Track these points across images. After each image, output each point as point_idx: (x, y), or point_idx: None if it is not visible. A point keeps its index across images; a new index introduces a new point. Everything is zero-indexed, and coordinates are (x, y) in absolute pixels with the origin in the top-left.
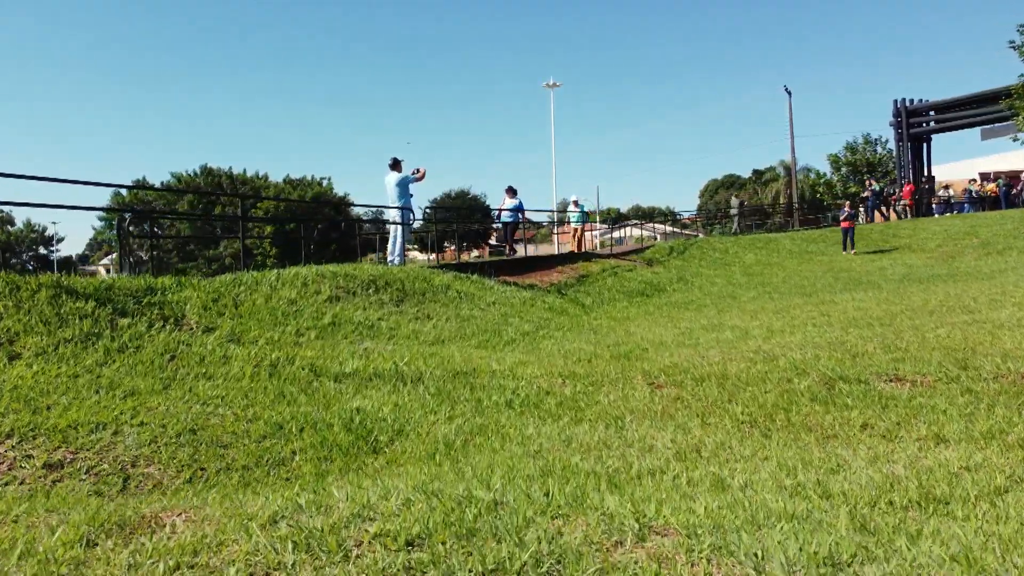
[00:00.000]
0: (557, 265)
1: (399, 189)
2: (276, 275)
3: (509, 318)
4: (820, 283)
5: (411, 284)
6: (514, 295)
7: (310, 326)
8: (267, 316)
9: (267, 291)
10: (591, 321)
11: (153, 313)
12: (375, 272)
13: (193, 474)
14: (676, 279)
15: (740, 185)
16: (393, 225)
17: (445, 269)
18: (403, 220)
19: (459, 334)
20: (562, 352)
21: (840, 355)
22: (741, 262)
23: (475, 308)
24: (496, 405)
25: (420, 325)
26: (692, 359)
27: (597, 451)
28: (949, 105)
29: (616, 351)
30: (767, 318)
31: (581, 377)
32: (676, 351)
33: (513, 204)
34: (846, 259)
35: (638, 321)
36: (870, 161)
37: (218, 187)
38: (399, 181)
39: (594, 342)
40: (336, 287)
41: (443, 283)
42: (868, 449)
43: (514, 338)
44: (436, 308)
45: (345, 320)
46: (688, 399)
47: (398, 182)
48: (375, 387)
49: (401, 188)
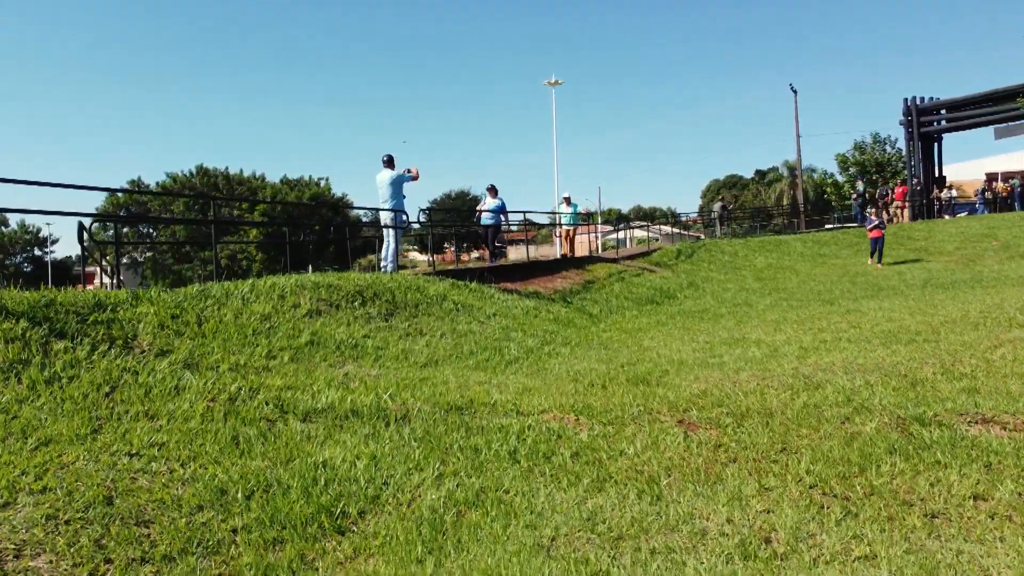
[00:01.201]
0: (561, 270)
1: (392, 188)
2: (250, 286)
3: (511, 332)
4: (837, 288)
5: (402, 295)
6: (516, 305)
7: (284, 346)
8: (235, 335)
9: (238, 305)
10: (600, 333)
11: (99, 334)
12: (363, 281)
13: (93, 570)
14: (686, 284)
15: (743, 185)
16: (386, 228)
17: (441, 276)
18: (396, 223)
19: (455, 352)
20: (572, 374)
21: (896, 383)
22: (752, 266)
23: (473, 321)
24: (497, 457)
25: (411, 343)
26: (722, 385)
27: (632, 540)
28: (961, 103)
29: (632, 373)
30: (792, 330)
31: (598, 413)
32: (701, 373)
33: (495, 204)
34: (862, 263)
35: (651, 333)
36: (879, 161)
37: (214, 187)
38: (393, 180)
39: (606, 360)
40: (317, 299)
41: (438, 293)
42: (1003, 543)
43: (517, 356)
44: (430, 322)
45: (325, 339)
46: (732, 447)
47: (392, 180)
48: (351, 429)
49: (395, 187)
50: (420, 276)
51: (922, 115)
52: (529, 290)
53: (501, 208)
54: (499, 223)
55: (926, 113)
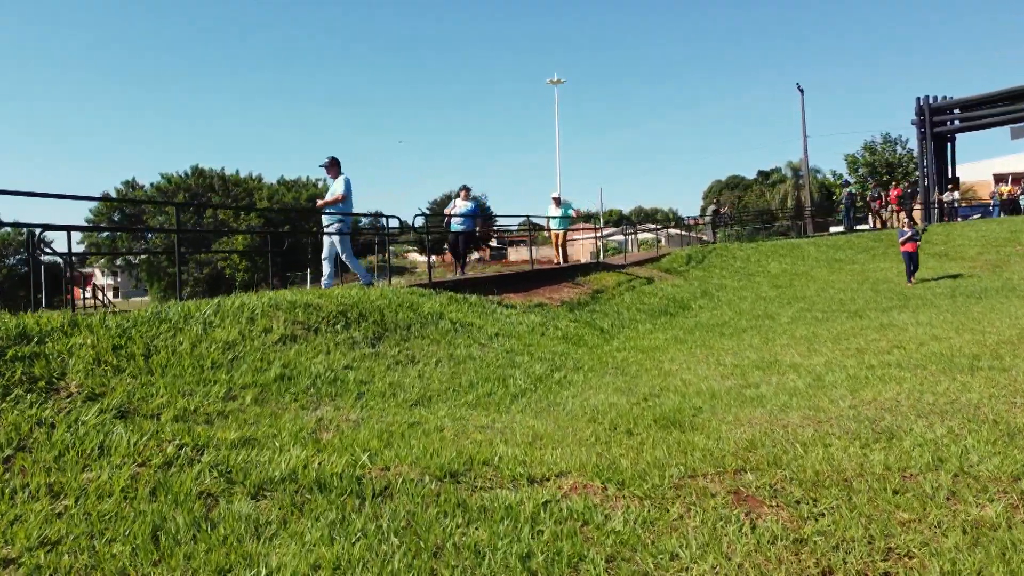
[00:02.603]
0: (567, 279)
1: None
2: (215, 307)
3: (516, 356)
4: (860, 297)
5: (392, 315)
6: (520, 321)
7: (248, 383)
8: (189, 370)
9: (197, 332)
10: (614, 353)
11: (16, 373)
12: (348, 299)
13: None
14: (700, 293)
15: (745, 186)
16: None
17: (438, 289)
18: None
19: (452, 384)
20: (588, 411)
21: (988, 433)
22: (766, 272)
23: (474, 344)
24: (506, 567)
25: (401, 374)
26: (772, 432)
27: None
28: (975, 102)
29: (659, 409)
30: (828, 351)
31: (630, 479)
32: (740, 412)
33: (467, 208)
34: (880, 269)
35: (670, 352)
36: (890, 162)
37: (209, 188)
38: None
39: (625, 390)
40: (293, 322)
41: (433, 311)
42: None
43: (524, 388)
44: (424, 346)
45: (299, 371)
46: (819, 546)
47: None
48: (313, 512)
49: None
50: (414, 290)
51: (935, 114)
52: (534, 302)
53: (474, 212)
54: (471, 229)
55: (939, 112)
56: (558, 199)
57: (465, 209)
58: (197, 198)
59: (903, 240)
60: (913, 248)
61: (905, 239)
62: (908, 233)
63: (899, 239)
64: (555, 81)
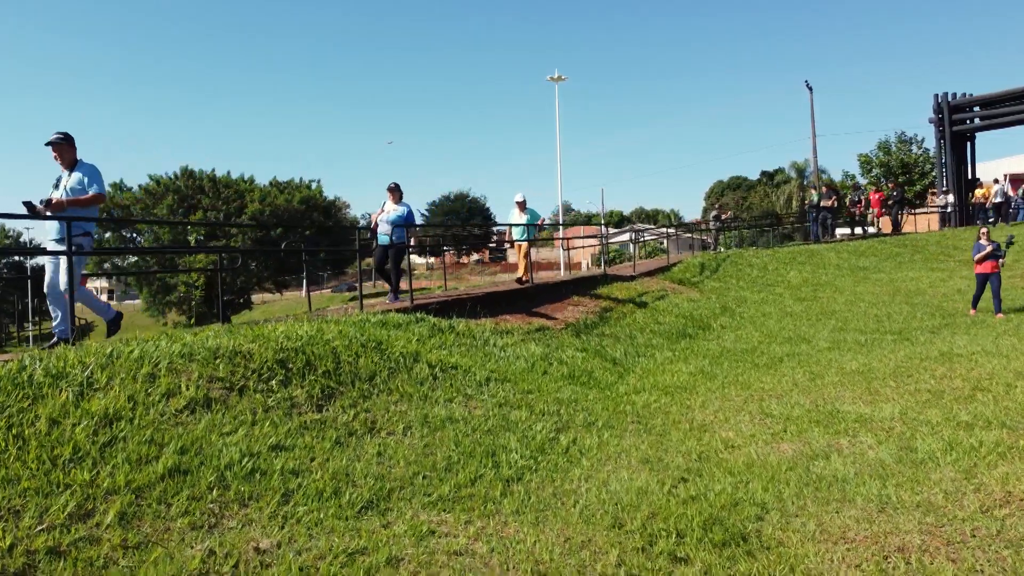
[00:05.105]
0: (571, 294)
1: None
2: (105, 359)
3: (511, 411)
4: (898, 314)
5: (351, 360)
6: (518, 355)
7: (119, 486)
8: (33, 468)
9: (66, 400)
10: (632, 397)
11: None
12: (292, 342)
13: None
14: (719, 309)
15: (748, 187)
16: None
17: (420, 314)
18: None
19: (422, 467)
20: (610, 508)
21: None
22: (786, 282)
23: (457, 396)
24: None
25: (352, 455)
26: (887, 569)
27: None
28: (997, 99)
29: (707, 506)
30: (895, 394)
31: None
32: (822, 513)
33: (397, 214)
34: (910, 278)
35: (700, 394)
36: (905, 162)
37: (199, 190)
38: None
39: (655, 460)
40: (210, 379)
41: (407, 351)
42: None
43: (520, 468)
44: (390, 406)
45: (203, 460)
46: None
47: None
48: None
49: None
50: (388, 317)
51: (954, 112)
52: (534, 326)
53: (406, 218)
54: (403, 241)
55: (958, 110)
56: (522, 203)
57: (396, 215)
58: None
59: (979, 257)
60: (993, 268)
61: (982, 255)
62: (987, 248)
63: (974, 255)
64: (556, 78)
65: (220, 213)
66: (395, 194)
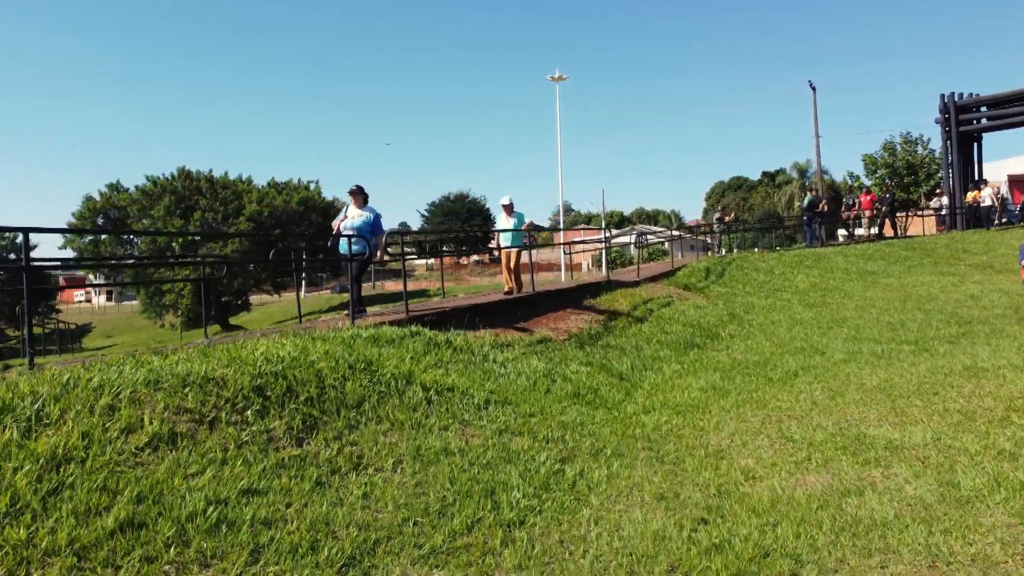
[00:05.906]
0: (573, 302)
1: None
2: (60, 388)
3: (512, 440)
4: (912, 321)
5: (337, 384)
6: (519, 371)
7: (61, 545)
8: None
9: (14, 435)
10: (641, 416)
11: None
12: (272, 365)
13: None
14: (727, 317)
15: (748, 187)
16: None
17: (414, 327)
18: None
19: (414, 511)
20: (624, 561)
21: None
22: (794, 287)
23: (453, 423)
24: None
25: (334, 499)
26: None
27: None
28: (1005, 99)
29: (733, 559)
30: (923, 415)
31: None
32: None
33: (362, 220)
34: (920, 283)
35: (713, 414)
36: (911, 163)
37: (196, 191)
38: None
39: (670, 496)
40: (177, 410)
41: (400, 372)
42: None
43: (523, 509)
44: (379, 437)
45: (163, 510)
46: None
47: None
48: None
49: None
50: (381, 332)
51: (961, 112)
52: (536, 338)
53: (372, 226)
54: (366, 252)
55: (966, 110)
56: (509, 206)
57: (361, 222)
58: (184, 201)
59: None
60: None
61: None
62: None
63: (1020, 260)
64: (556, 78)
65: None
66: (358, 198)
